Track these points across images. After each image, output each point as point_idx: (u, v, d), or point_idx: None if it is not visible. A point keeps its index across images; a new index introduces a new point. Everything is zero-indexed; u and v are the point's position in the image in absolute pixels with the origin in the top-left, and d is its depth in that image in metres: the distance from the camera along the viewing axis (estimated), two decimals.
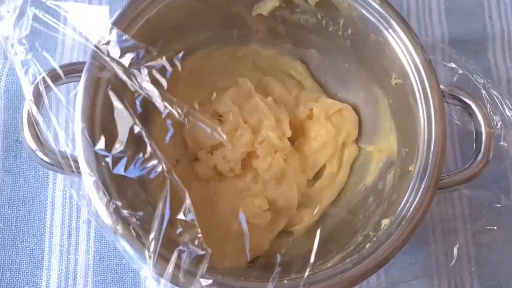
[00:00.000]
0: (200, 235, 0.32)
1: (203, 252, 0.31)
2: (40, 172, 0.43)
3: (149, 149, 0.33)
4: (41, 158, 0.33)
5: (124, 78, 0.33)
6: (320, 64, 0.43)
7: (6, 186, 0.42)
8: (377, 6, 0.36)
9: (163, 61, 0.35)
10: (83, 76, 0.33)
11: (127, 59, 0.33)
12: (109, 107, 0.34)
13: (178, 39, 0.39)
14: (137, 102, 0.36)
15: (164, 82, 0.34)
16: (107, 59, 0.33)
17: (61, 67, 0.35)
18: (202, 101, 0.41)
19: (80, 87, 0.33)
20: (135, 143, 0.34)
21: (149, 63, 0.34)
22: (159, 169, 0.33)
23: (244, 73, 0.43)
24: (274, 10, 0.39)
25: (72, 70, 0.35)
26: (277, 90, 0.43)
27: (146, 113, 0.40)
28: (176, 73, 0.40)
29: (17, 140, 0.43)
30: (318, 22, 0.39)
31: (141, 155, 0.34)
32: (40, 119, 0.33)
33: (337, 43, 0.40)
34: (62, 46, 0.46)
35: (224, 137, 0.37)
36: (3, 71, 0.45)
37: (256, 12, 0.39)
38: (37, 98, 0.34)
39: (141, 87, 0.34)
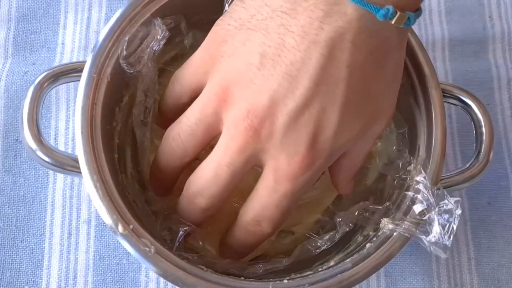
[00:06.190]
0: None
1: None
2: (40, 172, 0.43)
3: None
4: (41, 158, 0.33)
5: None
6: None
7: (6, 185, 0.42)
8: None
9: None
10: (83, 76, 0.33)
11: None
12: (109, 106, 0.34)
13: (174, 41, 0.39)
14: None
15: None
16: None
17: (61, 67, 0.35)
18: None
19: (80, 87, 0.33)
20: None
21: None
22: None
23: None
24: None
25: (72, 70, 0.35)
26: None
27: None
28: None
29: (17, 139, 0.44)
30: None
31: None
32: (40, 119, 0.33)
33: None
34: (62, 46, 0.46)
35: None
36: (3, 71, 0.45)
37: None
38: (37, 98, 0.34)
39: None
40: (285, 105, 0.28)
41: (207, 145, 0.32)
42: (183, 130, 0.31)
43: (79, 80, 0.33)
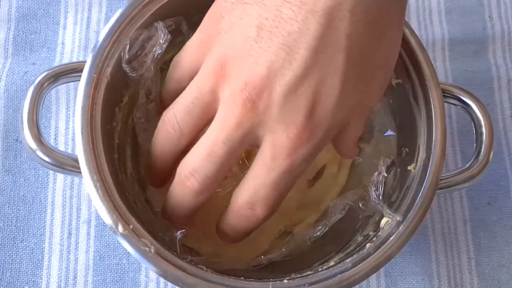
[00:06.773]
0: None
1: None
2: (40, 172, 0.43)
3: None
4: (41, 158, 0.33)
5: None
6: None
7: (6, 185, 0.43)
8: None
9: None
10: (83, 76, 0.33)
11: None
12: (109, 106, 0.34)
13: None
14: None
15: None
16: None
17: (61, 67, 0.35)
18: None
19: (80, 87, 0.33)
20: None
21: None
22: None
23: None
24: None
25: (72, 70, 0.35)
26: None
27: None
28: None
29: (17, 139, 0.44)
30: None
31: None
32: (40, 119, 0.33)
33: None
34: (62, 46, 0.46)
35: None
36: (3, 71, 0.45)
37: None
38: (37, 98, 0.34)
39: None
40: (283, 75, 0.27)
41: (203, 128, 0.30)
42: (179, 110, 0.30)
43: (79, 80, 0.33)
